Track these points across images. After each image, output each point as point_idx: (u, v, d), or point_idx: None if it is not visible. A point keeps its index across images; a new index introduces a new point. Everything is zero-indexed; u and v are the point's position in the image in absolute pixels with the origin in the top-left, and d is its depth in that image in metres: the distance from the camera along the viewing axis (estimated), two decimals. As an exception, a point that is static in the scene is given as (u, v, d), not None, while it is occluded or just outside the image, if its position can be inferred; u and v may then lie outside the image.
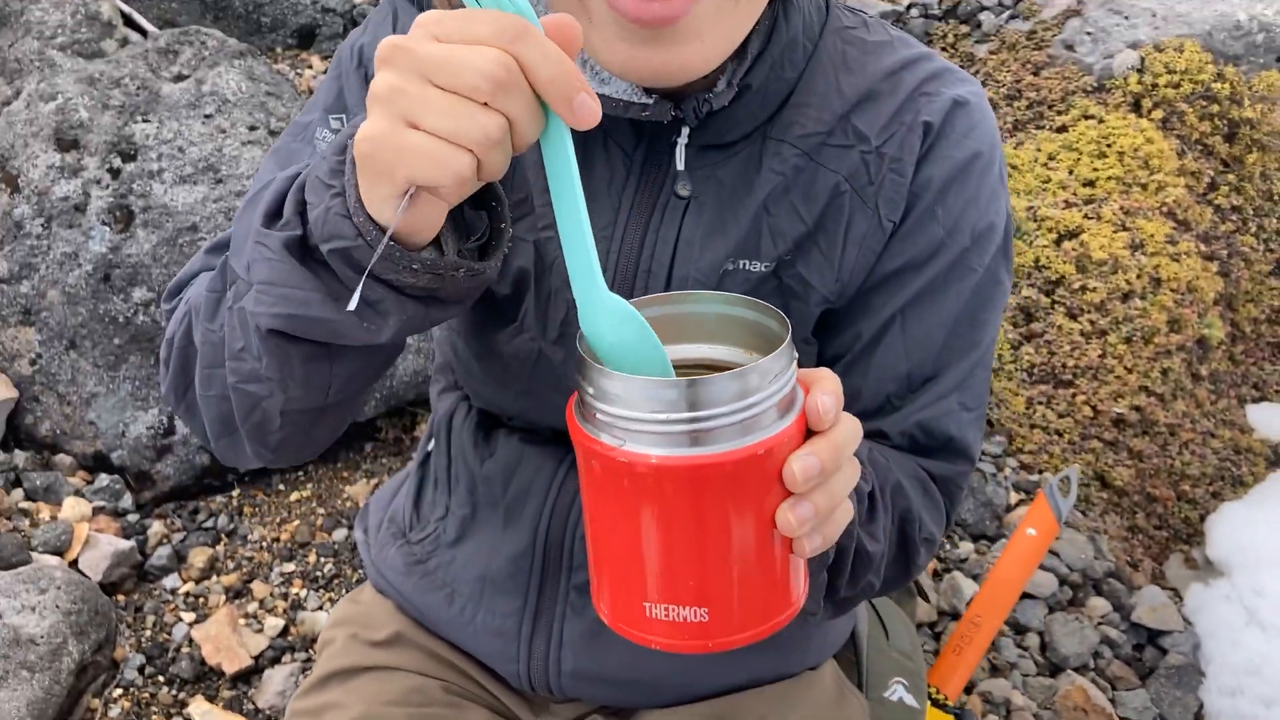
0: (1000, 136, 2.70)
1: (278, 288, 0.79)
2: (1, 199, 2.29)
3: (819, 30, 1.06)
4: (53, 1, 2.77)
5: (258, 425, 0.95)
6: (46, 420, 2.28)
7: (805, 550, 0.73)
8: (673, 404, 0.66)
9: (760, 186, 1.03)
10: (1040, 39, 2.95)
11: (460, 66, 0.65)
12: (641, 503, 0.69)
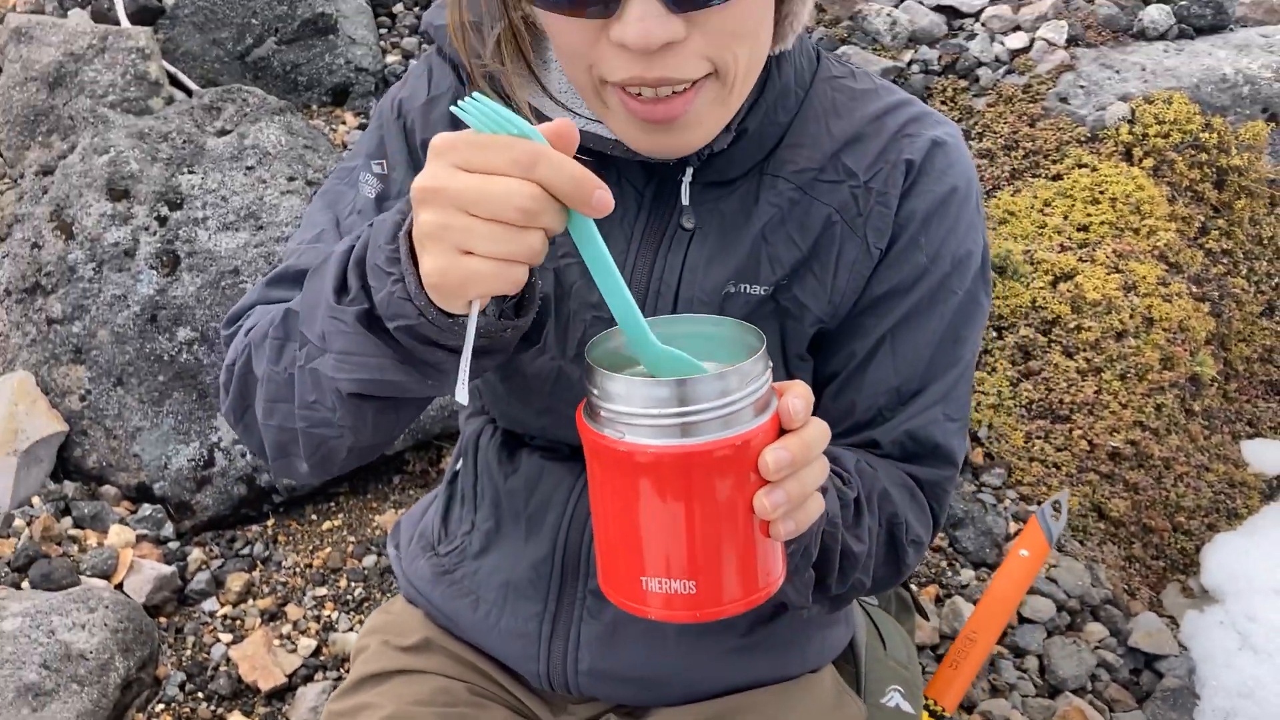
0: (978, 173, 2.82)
1: (355, 356, 0.91)
2: (57, 245, 2.41)
3: (810, 79, 1.17)
4: (104, 63, 2.92)
5: (323, 458, 1.07)
6: (94, 453, 2.39)
7: (779, 533, 0.83)
8: (665, 401, 0.77)
9: (758, 217, 1.13)
10: (1035, 92, 3.05)
11: (495, 200, 0.75)
12: (639, 487, 0.79)
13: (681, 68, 0.93)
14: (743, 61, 0.97)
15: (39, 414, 2.36)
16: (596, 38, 0.92)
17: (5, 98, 2.93)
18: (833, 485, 1.04)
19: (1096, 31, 3.22)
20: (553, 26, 0.97)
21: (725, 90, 0.98)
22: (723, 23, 0.92)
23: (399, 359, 0.91)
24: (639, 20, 0.87)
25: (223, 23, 3.15)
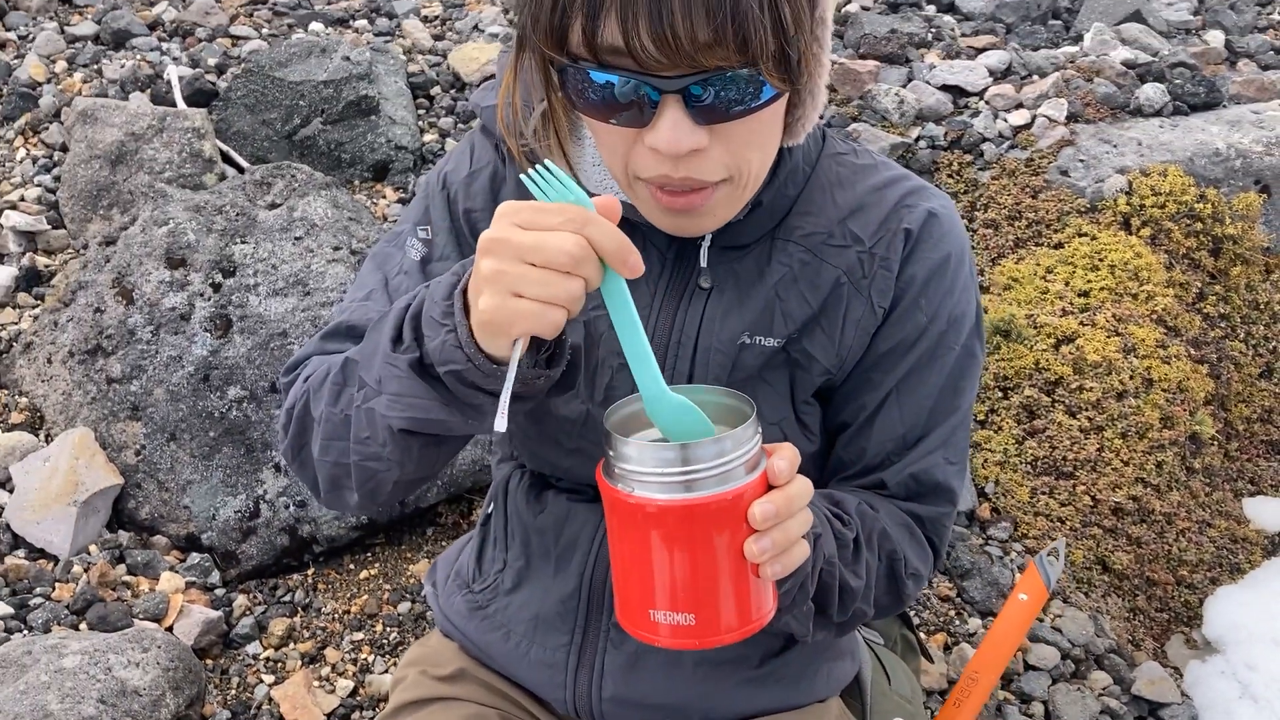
0: (984, 242, 2.91)
1: (406, 398, 1.03)
2: (118, 310, 2.55)
3: (816, 156, 1.29)
4: (162, 142, 3.09)
5: (372, 490, 1.18)
6: (147, 505, 2.50)
7: (768, 574, 0.95)
8: (670, 461, 0.90)
9: (771, 275, 1.24)
10: (1037, 166, 3.17)
11: (549, 250, 0.88)
12: (647, 534, 0.92)
13: (703, 170, 1.05)
14: (755, 166, 1.10)
15: (97, 467, 2.47)
16: (633, 141, 1.05)
17: (71, 174, 3.09)
18: (830, 527, 1.15)
19: (1095, 108, 3.34)
20: (595, 127, 1.09)
21: (739, 190, 1.11)
22: (740, 133, 1.04)
23: (444, 400, 1.02)
24: (670, 129, 0.99)
25: (272, 104, 3.32)
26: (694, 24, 0.91)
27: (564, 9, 0.96)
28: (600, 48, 0.96)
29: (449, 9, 4.24)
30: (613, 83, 0.99)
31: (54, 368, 2.63)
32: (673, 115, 0.99)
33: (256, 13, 3.95)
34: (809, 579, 1.08)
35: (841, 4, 3.98)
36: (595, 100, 1.02)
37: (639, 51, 0.94)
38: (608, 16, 0.94)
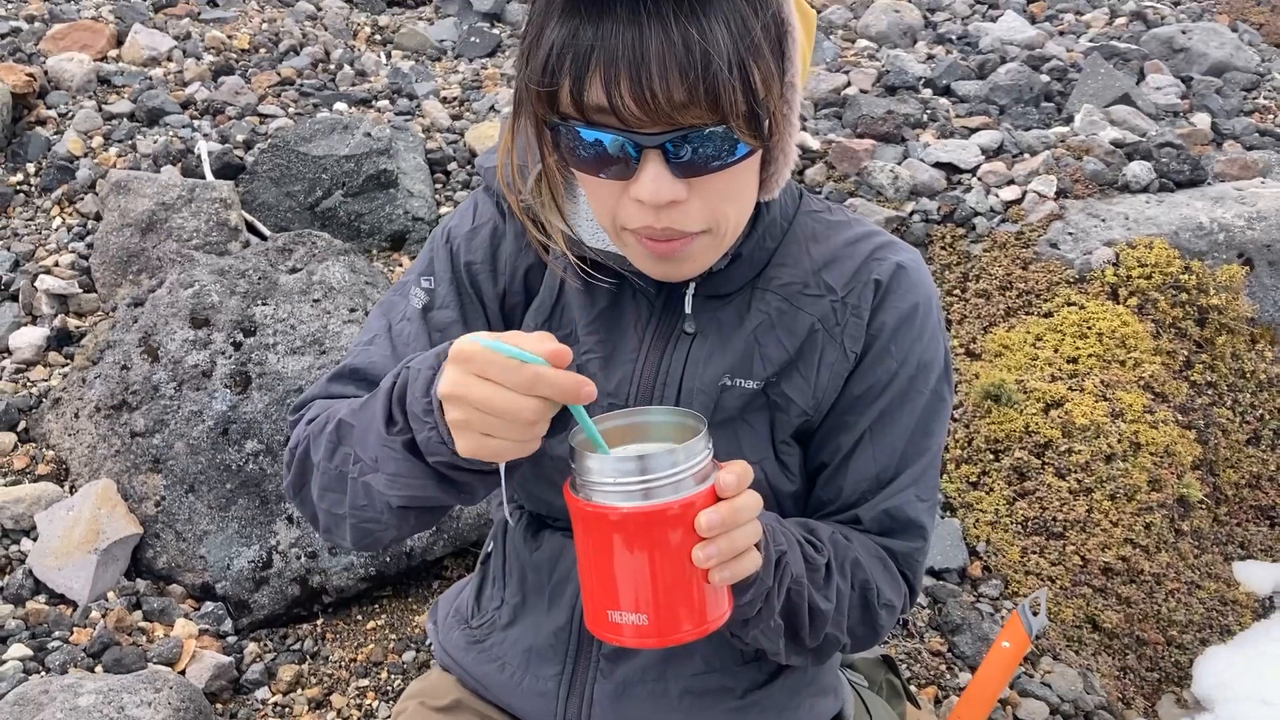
0: (975, 310, 2.98)
1: (403, 478, 1.11)
2: (144, 367, 2.65)
3: (793, 212, 1.38)
4: (191, 211, 3.21)
5: (367, 545, 1.27)
6: (164, 554, 2.57)
7: (716, 580, 1.01)
8: (625, 472, 0.97)
9: (750, 322, 1.32)
10: (1028, 238, 3.26)
11: (508, 412, 0.96)
12: (606, 540, 0.99)
13: (683, 221, 1.14)
14: (732, 219, 1.19)
15: (118, 517, 2.54)
16: (619, 194, 1.14)
17: (103, 241, 3.22)
18: (801, 550, 1.21)
19: (1084, 185, 3.44)
20: (586, 182, 1.19)
21: (718, 240, 1.20)
22: (716, 187, 1.13)
23: (437, 480, 1.11)
24: (651, 182, 1.09)
25: (296, 178, 3.45)
26: (670, 85, 1.01)
27: (553, 72, 1.05)
28: (587, 107, 1.05)
29: (467, 91, 4.40)
30: (600, 140, 1.08)
31: (80, 422, 2.72)
32: (654, 169, 1.08)
33: (284, 93, 4.12)
34: (773, 594, 1.14)
35: (840, 86, 4.13)
36: (585, 156, 1.11)
37: (621, 110, 1.03)
38: (593, 79, 1.03)
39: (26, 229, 3.40)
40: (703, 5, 1.01)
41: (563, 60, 1.05)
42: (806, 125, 3.87)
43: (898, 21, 4.84)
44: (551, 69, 1.06)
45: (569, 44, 1.04)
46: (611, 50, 1.01)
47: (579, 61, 1.03)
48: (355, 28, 5.01)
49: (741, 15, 1.03)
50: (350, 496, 1.20)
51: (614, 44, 1.01)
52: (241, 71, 4.22)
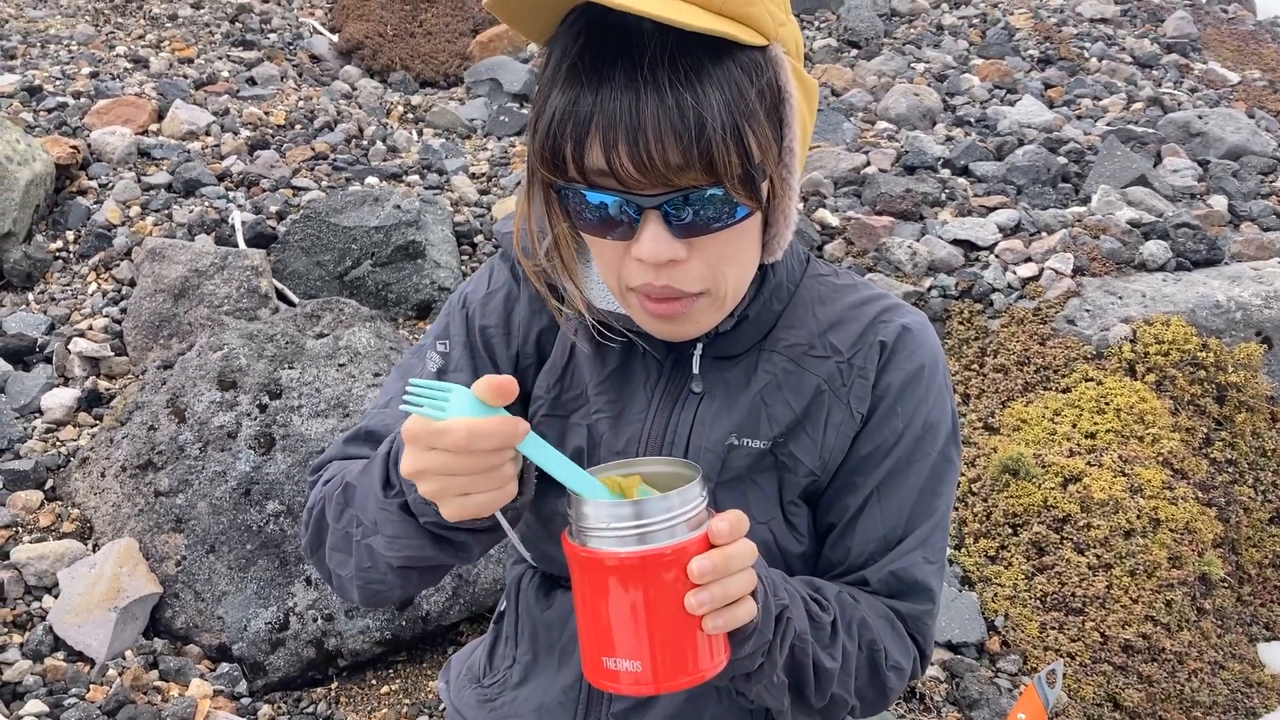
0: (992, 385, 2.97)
1: (401, 540, 1.14)
2: (170, 428, 2.68)
3: (800, 276, 1.40)
4: (223, 278, 3.28)
5: (375, 602, 1.29)
6: (183, 614, 2.57)
7: (709, 626, 1.01)
8: (618, 517, 0.98)
9: (757, 383, 1.34)
10: (1045, 315, 3.27)
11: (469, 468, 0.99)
12: (600, 585, 0.99)
13: (682, 281, 1.16)
14: (731, 282, 1.21)
15: (139, 576, 2.56)
16: (623, 255, 1.17)
17: (136, 306, 3.28)
18: (806, 607, 1.21)
19: (1101, 263, 3.46)
20: (593, 244, 1.22)
21: (718, 301, 1.22)
22: (715, 247, 1.15)
23: (432, 540, 1.14)
24: (651, 241, 1.12)
25: (326, 247, 3.52)
26: (666, 149, 1.04)
27: (556, 137, 1.09)
28: (588, 170, 1.09)
29: (495, 167, 4.49)
30: (603, 202, 1.11)
31: (106, 481, 2.75)
32: (653, 229, 1.11)
33: (317, 167, 4.22)
34: (775, 649, 1.14)
35: (860, 166, 4.19)
36: (589, 218, 1.14)
37: (620, 172, 1.07)
38: (592, 143, 1.07)
39: (63, 294, 3.47)
40: (698, 73, 1.05)
41: (564, 126, 1.08)
42: (825, 202, 3.92)
43: (917, 105, 4.92)
44: (554, 134, 1.10)
45: (570, 111, 1.08)
46: (610, 116, 1.05)
47: (579, 127, 1.07)
48: (388, 106, 5.14)
49: (736, 82, 1.07)
50: (355, 558, 1.23)
51: (612, 110, 1.05)
52: (277, 146, 4.32)
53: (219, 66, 5.22)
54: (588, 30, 1.09)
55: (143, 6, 5.99)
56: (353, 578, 1.25)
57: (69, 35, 5.37)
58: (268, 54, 5.52)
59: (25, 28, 5.39)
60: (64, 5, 5.85)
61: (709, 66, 1.06)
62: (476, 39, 5.83)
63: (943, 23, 6.26)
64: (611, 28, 1.08)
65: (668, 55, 1.05)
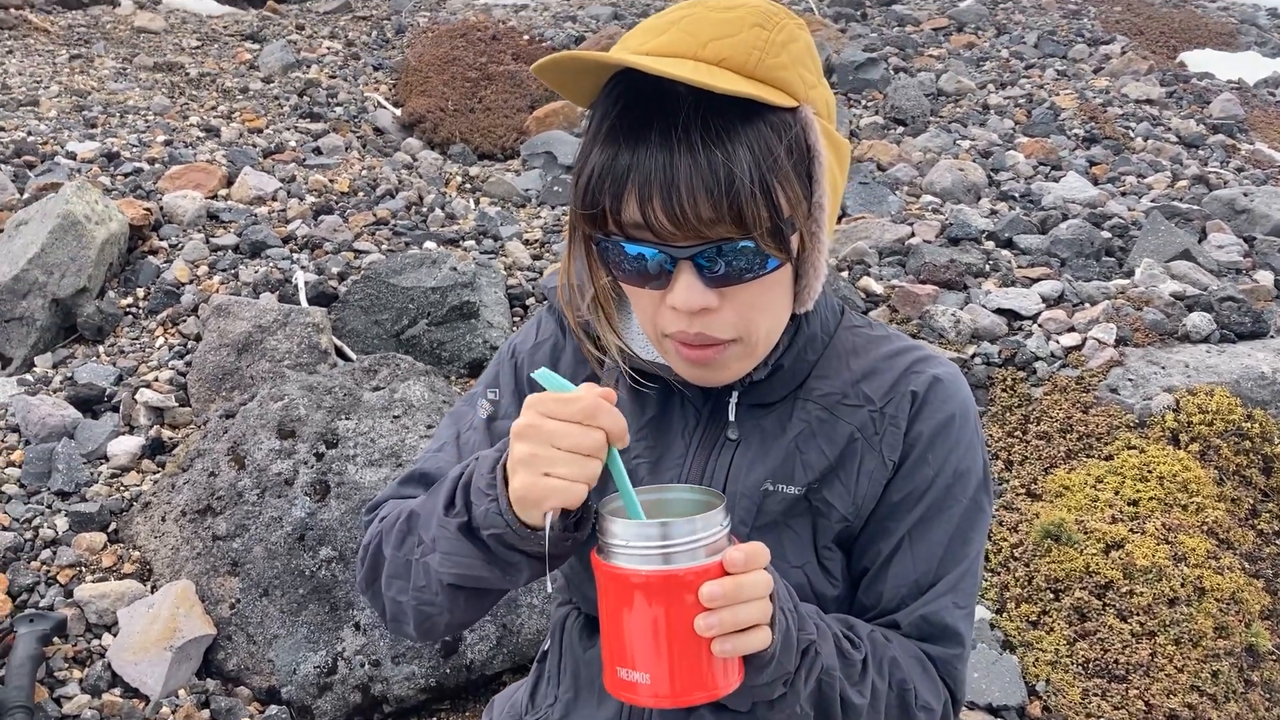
0: (1035, 452, 2.97)
1: (455, 556, 1.20)
2: (230, 474, 2.77)
3: (834, 327, 1.45)
4: (285, 334, 3.39)
5: (427, 630, 1.34)
6: (235, 656, 2.63)
7: (717, 650, 1.05)
8: (639, 537, 1.05)
9: (792, 430, 1.38)
10: (1088, 383, 3.28)
11: (576, 438, 1.07)
12: (620, 599, 1.05)
13: (714, 328, 1.22)
14: (762, 330, 1.26)
15: (195, 618, 2.62)
16: (659, 304, 1.23)
17: (201, 360, 3.40)
18: (837, 644, 1.24)
19: (1144, 334, 3.47)
20: (632, 294, 1.28)
21: (749, 349, 1.28)
22: (746, 297, 1.21)
23: (486, 559, 1.19)
24: (684, 290, 1.18)
25: (384, 306, 3.63)
26: (698, 203, 1.11)
27: (594, 192, 1.17)
28: (625, 223, 1.16)
29: (548, 234, 4.61)
30: (641, 254, 1.18)
31: (166, 525, 2.83)
32: (687, 279, 1.17)
33: (378, 231, 4.35)
34: (799, 681, 1.17)
35: (904, 236, 4.24)
36: (628, 269, 1.21)
37: (655, 225, 1.14)
38: (629, 198, 1.14)
39: (132, 347, 3.60)
40: (728, 133, 1.12)
41: (603, 182, 1.16)
42: (870, 270, 3.97)
43: (961, 179, 4.99)
44: (593, 190, 1.17)
45: (608, 167, 1.15)
46: (645, 172, 1.12)
47: (617, 182, 1.14)
48: (448, 176, 5.30)
49: (766, 141, 1.14)
50: (412, 579, 1.28)
51: (648, 166, 1.12)
52: (340, 211, 4.48)
53: (287, 137, 5.43)
54: (626, 94, 1.17)
55: (216, 80, 6.25)
56: (409, 601, 1.30)
57: (146, 106, 5.62)
58: (333, 126, 5.73)
59: (106, 99, 5.64)
60: (142, 79, 6.13)
61: (739, 126, 1.13)
62: (533, 114, 6.01)
63: (989, 102, 6.34)
64: (648, 92, 1.16)
65: (700, 116, 1.12)
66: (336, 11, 7.61)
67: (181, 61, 6.44)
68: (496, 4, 8.02)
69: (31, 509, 2.94)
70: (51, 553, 2.82)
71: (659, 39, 1.18)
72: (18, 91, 5.50)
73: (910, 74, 6.69)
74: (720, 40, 1.16)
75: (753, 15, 1.19)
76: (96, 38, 6.73)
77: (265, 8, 7.66)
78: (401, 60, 6.69)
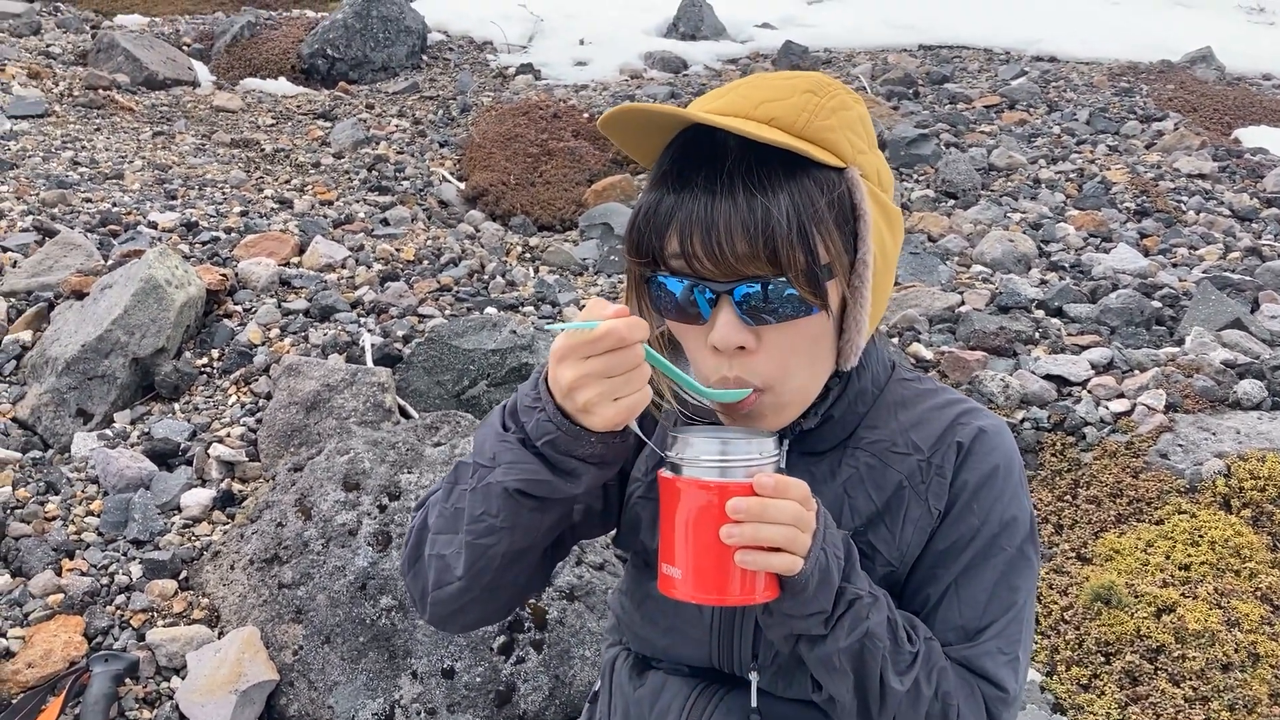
0: (1085, 516, 2.97)
1: (519, 464, 1.24)
2: (297, 525, 2.86)
3: (885, 381, 1.51)
4: (351, 393, 3.51)
5: (479, 570, 1.34)
6: (296, 702, 2.70)
7: (738, 560, 1.15)
8: (701, 449, 1.18)
9: (841, 476, 1.44)
10: (1137, 448, 3.28)
11: (624, 364, 1.13)
12: (670, 503, 1.19)
13: (749, 371, 1.28)
14: (795, 381, 1.31)
15: (259, 663, 2.70)
16: (702, 343, 1.30)
17: (271, 417, 3.53)
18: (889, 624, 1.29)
19: (1194, 400, 3.46)
20: (681, 337, 1.36)
21: (780, 400, 1.33)
22: (783, 342, 1.28)
23: (547, 465, 1.24)
24: (723, 326, 1.25)
25: (446, 368, 3.75)
26: (734, 240, 1.19)
27: (641, 230, 1.26)
28: (668, 258, 1.24)
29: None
30: (681, 287, 1.25)
31: (235, 573, 2.93)
32: (725, 315, 1.24)
33: (441, 297, 4.50)
34: (840, 626, 1.23)
35: (954, 304, 4.29)
36: (671, 304, 1.28)
37: (694, 260, 1.21)
38: (671, 236, 1.22)
39: (205, 404, 3.75)
40: (771, 181, 1.20)
41: (649, 220, 1.25)
42: (920, 337, 4.02)
43: (1012, 250, 5.03)
44: (640, 227, 1.26)
45: (654, 207, 1.24)
46: (688, 212, 1.21)
47: (661, 220, 1.23)
48: (508, 246, 5.46)
49: (807, 191, 1.21)
50: (469, 513, 1.30)
51: (690, 207, 1.21)
52: (405, 278, 4.63)
53: (356, 208, 5.64)
54: (682, 148, 1.27)
55: (289, 156, 6.51)
56: (463, 540, 1.32)
57: (224, 179, 5.87)
58: (400, 198, 5.94)
59: (186, 172, 5.91)
60: (220, 154, 6.41)
61: (782, 177, 1.21)
62: (591, 188, 6.18)
63: (1039, 177, 6.40)
64: (701, 144, 1.25)
65: (745, 166, 1.21)
66: (405, 92, 7.90)
67: (257, 138, 6.73)
68: (558, 83, 8.28)
69: (108, 556, 3.06)
70: (126, 598, 2.93)
71: (717, 102, 1.27)
72: (105, 166, 5.78)
73: (961, 149, 6.78)
74: (772, 102, 1.25)
75: (806, 83, 1.28)
76: (178, 116, 7.06)
77: (337, 88, 7.97)
78: (466, 137, 6.92)
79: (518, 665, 2.69)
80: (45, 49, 7.83)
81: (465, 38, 9.34)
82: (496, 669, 2.68)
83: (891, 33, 9.67)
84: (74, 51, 7.87)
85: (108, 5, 9.77)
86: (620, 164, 6.50)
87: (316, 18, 8.83)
